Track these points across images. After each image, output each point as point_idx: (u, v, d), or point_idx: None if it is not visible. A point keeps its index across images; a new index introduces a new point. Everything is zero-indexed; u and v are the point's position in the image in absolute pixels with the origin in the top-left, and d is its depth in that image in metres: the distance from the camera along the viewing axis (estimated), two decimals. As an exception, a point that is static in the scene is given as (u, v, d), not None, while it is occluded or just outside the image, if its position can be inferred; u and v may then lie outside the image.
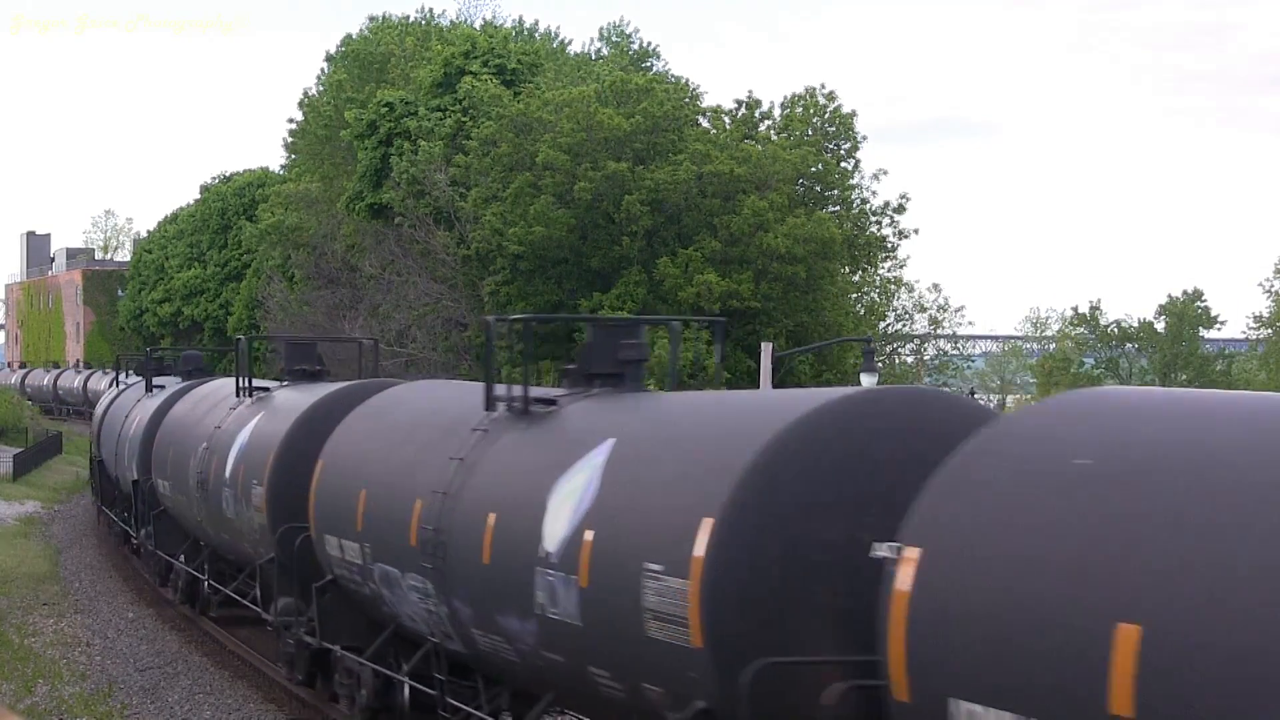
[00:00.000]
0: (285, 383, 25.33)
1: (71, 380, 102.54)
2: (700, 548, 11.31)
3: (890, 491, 11.00)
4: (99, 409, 46.71)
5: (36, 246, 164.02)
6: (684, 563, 11.42)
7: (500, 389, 15.59)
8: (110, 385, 56.02)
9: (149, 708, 21.61)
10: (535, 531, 13.63)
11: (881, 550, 9.81)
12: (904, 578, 9.52)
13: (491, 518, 14.61)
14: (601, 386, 15.47)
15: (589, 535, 12.85)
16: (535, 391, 15.57)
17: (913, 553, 9.54)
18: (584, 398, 15.27)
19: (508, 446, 15.24)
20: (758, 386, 30.73)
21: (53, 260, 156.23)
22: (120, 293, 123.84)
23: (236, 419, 24.42)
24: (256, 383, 25.63)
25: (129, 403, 38.15)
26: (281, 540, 20.61)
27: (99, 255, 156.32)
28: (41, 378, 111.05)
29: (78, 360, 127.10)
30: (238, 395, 25.50)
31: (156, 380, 36.64)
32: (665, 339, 46.08)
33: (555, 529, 13.39)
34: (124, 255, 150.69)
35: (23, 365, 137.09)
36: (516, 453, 15.03)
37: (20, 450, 63.50)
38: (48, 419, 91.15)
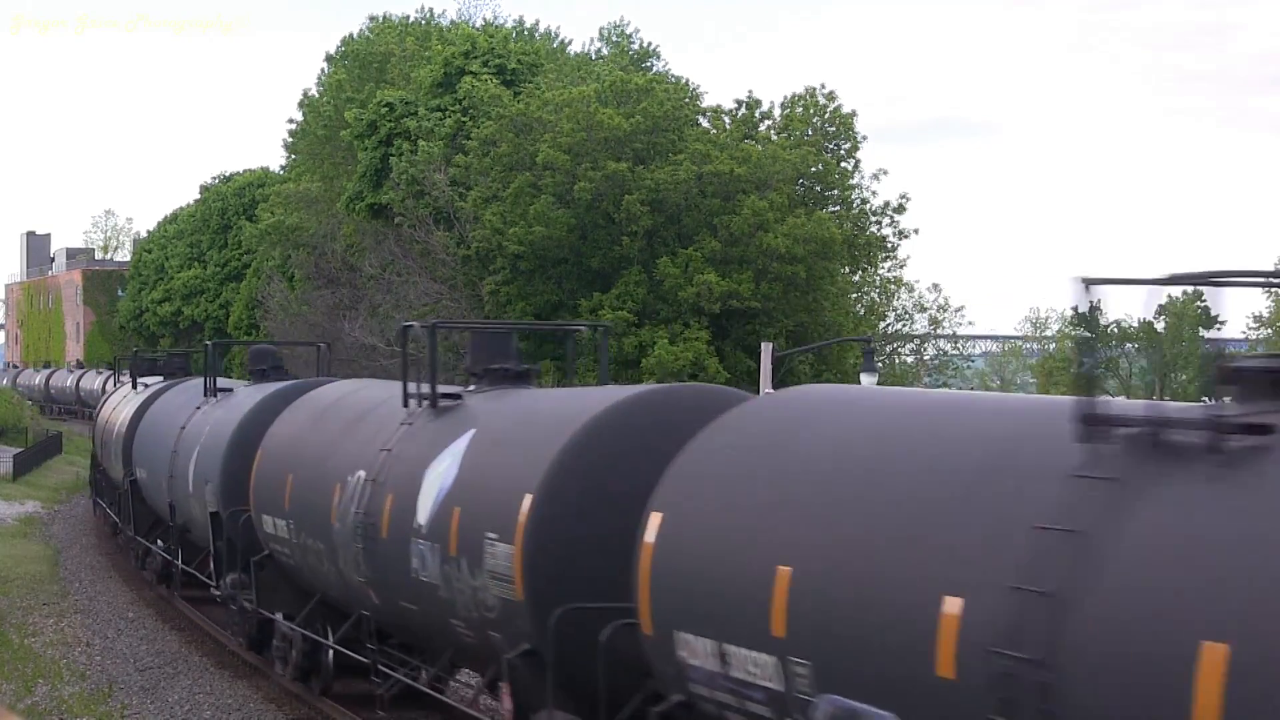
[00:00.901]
0: (248, 383, 28.33)
1: (64, 380, 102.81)
2: (522, 518, 13.90)
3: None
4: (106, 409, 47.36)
5: (36, 246, 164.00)
6: (511, 531, 14.05)
7: (413, 387, 17.50)
8: (105, 385, 57.65)
9: (149, 708, 21.61)
10: (412, 509, 16.28)
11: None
12: (649, 536, 12.17)
13: (390, 498, 17.06)
14: (502, 384, 17.59)
15: (449, 510, 15.49)
16: (444, 389, 17.79)
17: (656, 517, 12.17)
18: (481, 394, 17.44)
19: (410, 437, 17.47)
20: (758, 386, 30.71)
21: (53, 260, 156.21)
22: (120, 293, 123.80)
23: (202, 417, 27.40)
24: (223, 383, 28.86)
25: (118, 400, 41.89)
26: (229, 520, 23.62)
27: (99, 255, 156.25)
28: (32, 377, 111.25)
29: (77, 360, 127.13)
30: (205, 395, 28.64)
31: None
32: (665, 339, 46.11)
33: (425, 505, 16.01)
34: (124, 255, 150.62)
35: (15, 365, 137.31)
36: (412, 443, 17.30)
37: (20, 450, 63.50)
38: (45, 419, 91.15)
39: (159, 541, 31.60)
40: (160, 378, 40.37)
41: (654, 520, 12.17)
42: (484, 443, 15.63)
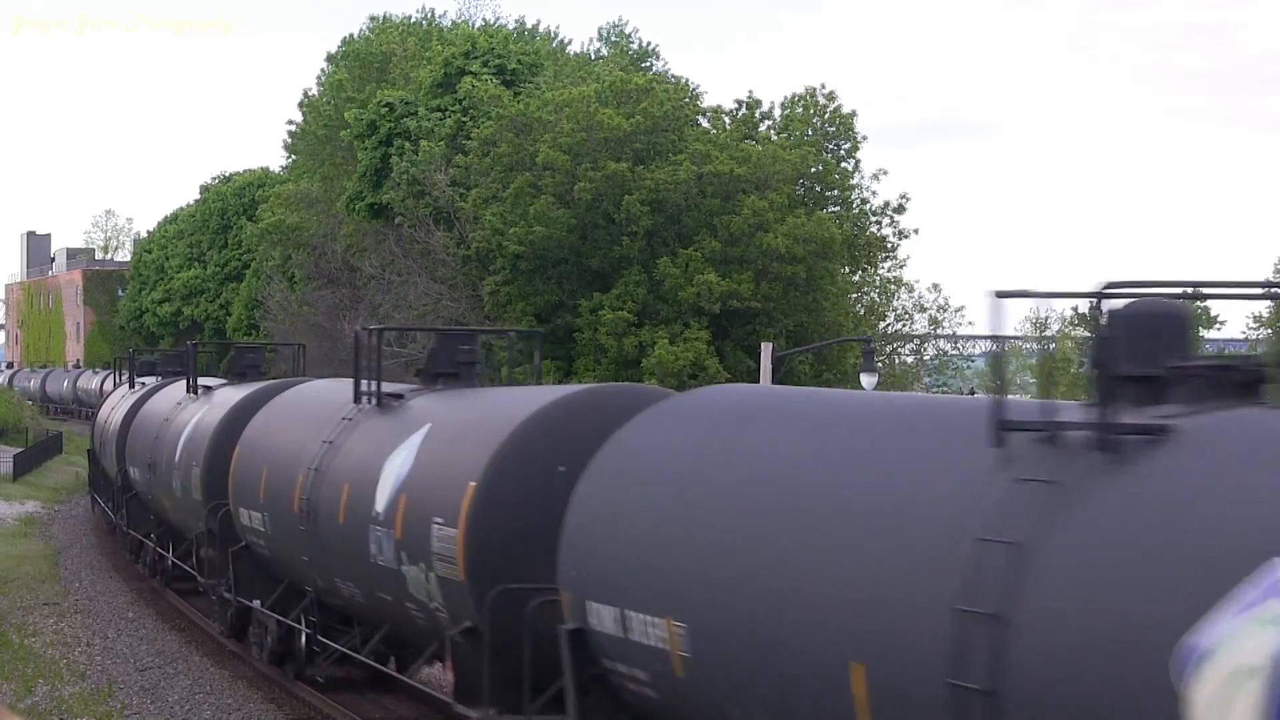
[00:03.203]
0: (226, 381, 30.56)
1: (61, 381, 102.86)
2: (465, 505, 15.18)
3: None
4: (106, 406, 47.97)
5: (36, 246, 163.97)
6: (455, 516, 15.30)
7: (364, 385, 19.36)
8: (101, 385, 58.66)
9: (149, 708, 21.62)
10: (370, 497, 17.55)
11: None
12: (573, 520, 13.64)
13: (346, 487, 18.46)
14: (443, 384, 19.15)
15: (403, 499, 16.80)
16: (389, 387, 19.45)
17: (577, 504, 13.59)
18: (425, 393, 18.99)
19: (364, 432, 19.04)
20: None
21: (53, 260, 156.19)
22: (120, 293, 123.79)
23: (185, 415, 28.91)
24: (202, 381, 30.66)
25: (116, 399, 43.19)
26: (210, 514, 24.90)
27: (99, 255, 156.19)
28: (28, 378, 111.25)
29: (77, 360, 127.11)
30: (187, 393, 30.29)
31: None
32: (665, 339, 46.12)
33: (382, 494, 17.26)
34: (124, 255, 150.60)
35: (9, 366, 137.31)
36: (367, 436, 18.81)
37: (20, 450, 63.49)
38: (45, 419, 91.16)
39: (152, 536, 32.72)
40: (158, 377, 41.33)
41: (575, 507, 13.58)
42: (437, 437, 17.06)
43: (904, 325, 64.74)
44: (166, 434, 29.42)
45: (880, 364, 48.30)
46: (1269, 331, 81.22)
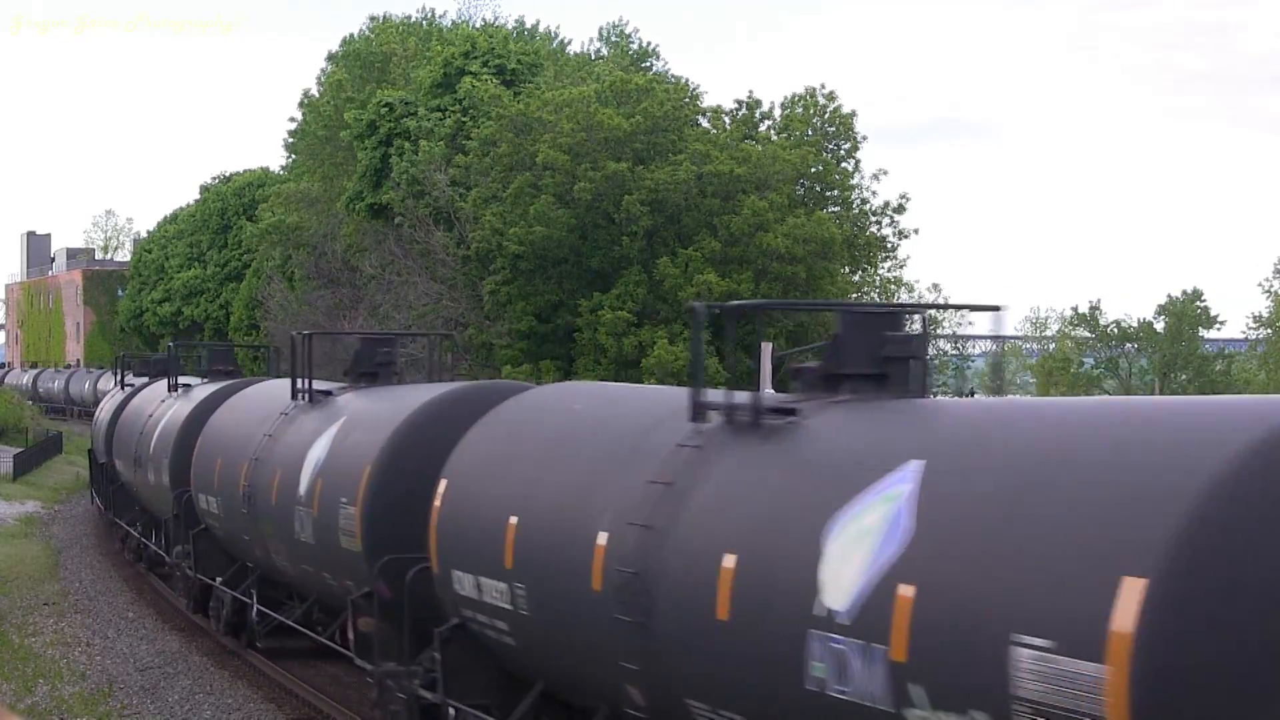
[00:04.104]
0: (204, 380, 33.16)
1: (51, 380, 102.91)
2: (363, 485, 17.71)
3: None
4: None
5: (36, 246, 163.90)
6: (355, 495, 17.84)
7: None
8: (95, 385, 60.03)
9: (149, 708, 21.63)
10: (296, 481, 20.19)
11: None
12: (438, 500, 15.78)
13: (278, 473, 21.01)
14: (365, 382, 21.67)
15: (319, 482, 19.34)
16: (321, 386, 21.92)
17: (443, 484, 15.77)
18: (349, 391, 21.51)
19: (297, 425, 21.37)
20: (757, 386, 30.76)
21: (53, 260, 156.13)
22: (120, 293, 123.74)
23: (164, 410, 31.59)
24: (183, 380, 33.36)
25: (110, 397, 46.44)
26: (175, 500, 27.85)
27: (99, 255, 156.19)
28: (20, 377, 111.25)
29: (76, 360, 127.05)
30: (169, 391, 32.82)
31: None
32: (665, 339, 46.13)
33: (305, 478, 20.00)
34: (124, 255, 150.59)
35: (2, 366, 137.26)
36: (299, 429, 21.14)
37: (20, 450, 63.48)
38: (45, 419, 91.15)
39: (138, 526, 35.17)
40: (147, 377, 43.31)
41: (441, 486, 15.73)
42: (348, 428, 19.44)
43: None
44: (147, 429, 32.26)
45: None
46: (1269, 331, 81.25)
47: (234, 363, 35.11)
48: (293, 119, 75.74)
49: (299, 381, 22.24)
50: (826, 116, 54.32)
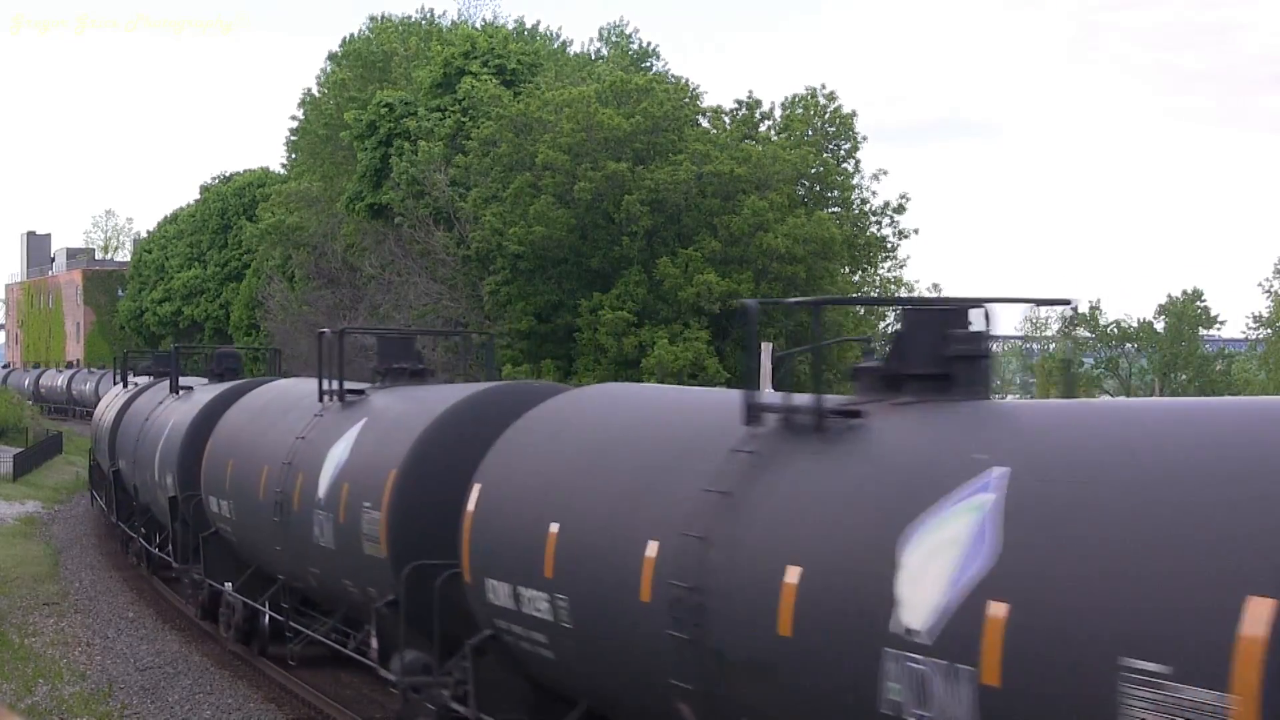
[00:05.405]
0: (207, 381, 33.17)
1: (54, 380, 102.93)
2: (388, 491, 16.94)
3: None
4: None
5: (36, 246, 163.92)
6: (380, 499, 17.11)
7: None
8: (97, 385, 60.20)
9: (149, 708, 21.63)
10: (315, 484, 19.54)
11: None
12: (471, 503, 15.01)
13: (300, 477, 20.04)
14: (400, 381, 20.58)
15: (341, 485, 18.60)
16: (351, 385, 20.64)
17: (476, 489, 15.03)
18: (382, 390, 20.24)
19: (321, 425, 20.39)
20: (758, 386, 30.89)
21: (53, 260, 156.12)
22: (120, 293, 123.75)
23: (166, 412, 31.37)
24: (185, 380, 33.19)
25: (110, 397, 45.43)
26: (183, 504, 27.30)
27: (99, 255, 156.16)
28: (23, 377, 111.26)
29: (76, 360, 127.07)
30: (170, 392, 32.53)
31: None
32: (665, 339, 46.14)
33: (325, 481, 19.27)
34: (124, 255, 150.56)
35: (4, 366, 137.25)
36: (322, 430, 20.23)
37: (20, 450, 63.49)
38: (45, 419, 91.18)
39: (142, 529, 34.53)
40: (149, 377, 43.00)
41: (474, 491, 14.99)
42: (372, 429, 18.74)
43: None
44: (150, 430, 31.91)
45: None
46: (1269, 331, 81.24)
47: (238, 364, 34.96)
48: (294, 118, 75.83)
49: (328, 382, 20.88)
50: (827, 117, 54.35)
